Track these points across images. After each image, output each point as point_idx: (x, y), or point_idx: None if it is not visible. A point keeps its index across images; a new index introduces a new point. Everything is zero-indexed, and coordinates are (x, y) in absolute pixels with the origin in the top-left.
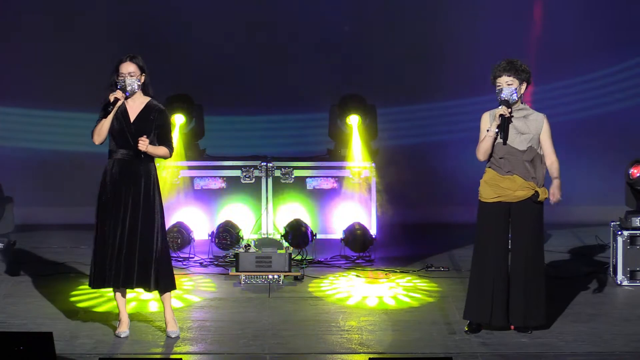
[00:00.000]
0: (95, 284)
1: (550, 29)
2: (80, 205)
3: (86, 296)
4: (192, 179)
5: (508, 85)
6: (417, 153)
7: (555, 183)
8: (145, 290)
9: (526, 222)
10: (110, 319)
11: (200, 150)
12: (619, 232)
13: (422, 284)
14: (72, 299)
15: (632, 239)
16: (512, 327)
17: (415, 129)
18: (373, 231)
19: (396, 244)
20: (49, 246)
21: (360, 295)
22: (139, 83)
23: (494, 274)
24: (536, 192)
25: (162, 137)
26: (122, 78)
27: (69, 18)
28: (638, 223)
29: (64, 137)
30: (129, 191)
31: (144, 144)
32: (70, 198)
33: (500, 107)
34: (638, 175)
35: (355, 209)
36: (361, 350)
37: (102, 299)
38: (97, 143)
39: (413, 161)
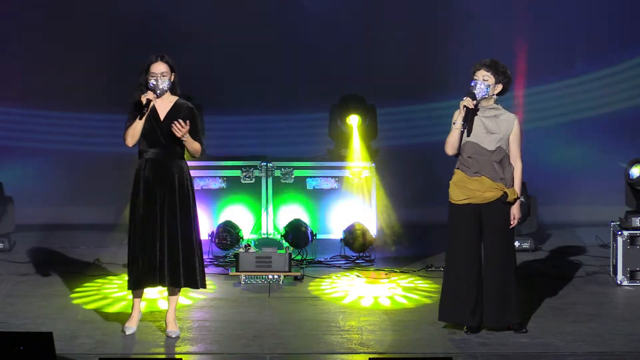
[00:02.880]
0: (138, 284)
1: (551, 29)
2: (80, 205)
3: (86, 296)
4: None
5: (484, 80)
6: (417, 153)
7: (516, 205)
8: (192, 288)
9: (497, 223)
10: (110, 319)
11: None
12: (619, 232)
13: (422, 284)
14: (73, 300)
15: (632, 239)
16: (509, 327)
17: (415, 129)
18: (373, 231)
19: (396, 244)
20: (50, 246)
21: (360, 296)
22: (169, 83)
23: (466, 275)
24: (505, 193)
25: (192, 135)
26: (155, 78)
27: (68, 19)
28: (638, 223)
29: (71, 137)
30: (164, 190)
31: (179, 130)
32: (70, 198)
33: (465, 98)
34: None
35: (355, 209)
36: (361, 350)
37: (99, 295)
38: (130, 145)
39: (413, 161)
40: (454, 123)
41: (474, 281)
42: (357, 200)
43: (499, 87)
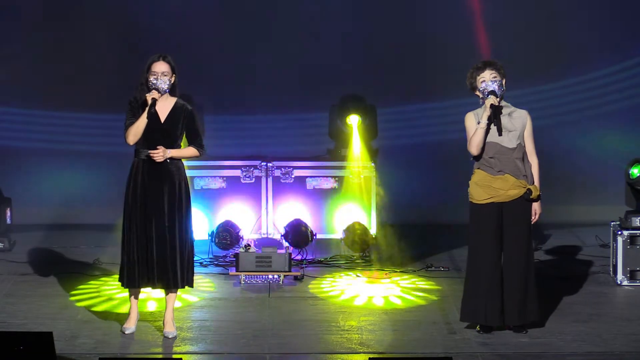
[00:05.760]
0: (130, 283)
1: (551, 28)
2: (80, 206)
3: (86, 296)
4: (192, 179)
5: (493, 78)
6: (417, 153)
7: (538, 201)
8: (188, 287)
9: (518, 221)
10: (110, 319)
11: None
12: (619, 232)
13: (422, 284)
14: (73, 300)
15: (632, 239)
16: (507, 327)
17: (415, 129)
18: (373, 231)
19: (396, 244)
20: (50, 246)
21: (359, 295)
22: (170, 83)
23: (489, 274)
24: (529, 189)
25: (192, 137)
26: (155, 77)
27: (69, 20)
28: (638, 223)
29: (71, 137)
30: (160, 190)
31: (159, 154)
32: (70, 198)
33: (488, 97)
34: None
35: (355, 208)
36: (361, 350)
37: (102, 298)
38: (132, 143)
39: (413, 161)
40: (478, 123)
41: (498, 281)
42: (357, 200)
43: (504, 82)
